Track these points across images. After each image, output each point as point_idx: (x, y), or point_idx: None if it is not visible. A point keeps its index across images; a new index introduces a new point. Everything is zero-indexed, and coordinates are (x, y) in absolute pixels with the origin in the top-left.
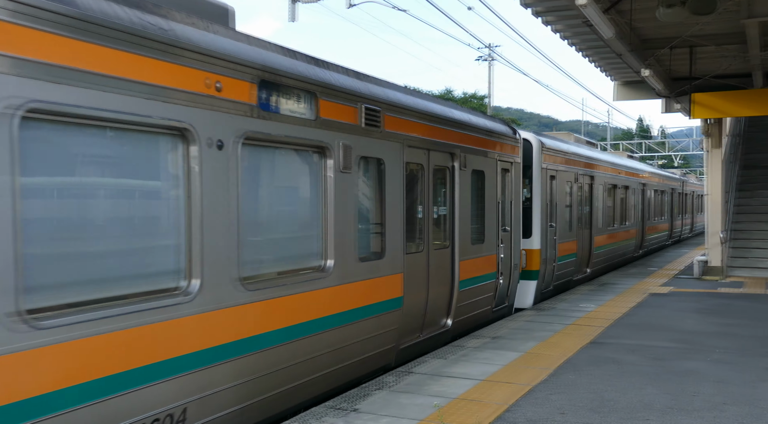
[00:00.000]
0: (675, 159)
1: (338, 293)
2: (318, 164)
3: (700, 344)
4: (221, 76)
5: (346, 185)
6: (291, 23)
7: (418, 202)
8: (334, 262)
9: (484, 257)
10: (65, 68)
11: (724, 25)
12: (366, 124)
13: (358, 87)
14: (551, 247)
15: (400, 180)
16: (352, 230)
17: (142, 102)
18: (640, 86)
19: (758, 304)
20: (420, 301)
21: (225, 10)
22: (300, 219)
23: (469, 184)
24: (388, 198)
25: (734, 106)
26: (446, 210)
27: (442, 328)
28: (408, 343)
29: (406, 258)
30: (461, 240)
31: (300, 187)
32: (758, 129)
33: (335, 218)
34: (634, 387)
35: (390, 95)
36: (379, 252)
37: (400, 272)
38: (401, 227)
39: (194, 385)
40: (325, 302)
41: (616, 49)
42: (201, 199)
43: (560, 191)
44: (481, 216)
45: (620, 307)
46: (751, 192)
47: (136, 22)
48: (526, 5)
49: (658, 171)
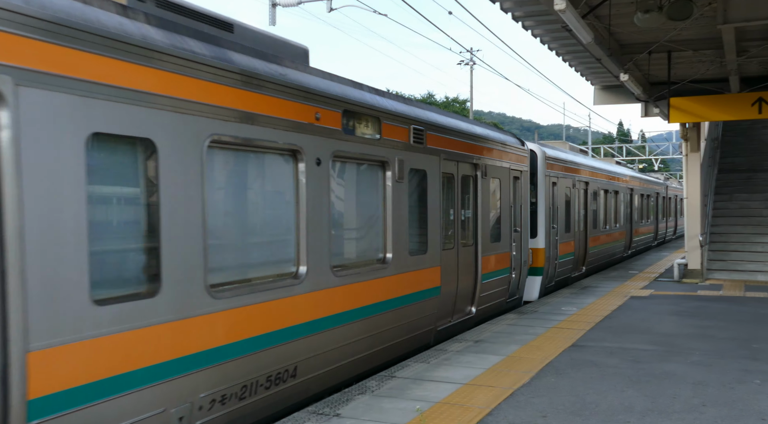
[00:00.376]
0: (655, 163)
1: (396, 281)
2: (380, 175)
3: (679, 347)
4: (320, 109)
5: (401, 192)
6: (271, 27)
7: (450, 206)
8: (392, 255)
9: (501, 254)
10: (235, 111)
11: (701, 30)
12: (414, 141)
13: (408, 111)
14: (553, 246)
15: (438, 188)
16: (404, 229)
17: (274, 131)
18: (620, 90)
19: (736, 306)
20: (452, 290)
21: (304, 50)
22: (369, 219)
23: (488, 190)
24: (429, 203)
25: (711, 111)
26: (471, 213)
27: (468, 314)
28: (443, 325)
29: (442, 253)
30: (483, 239)
31: (368, 194)
32: (735, 133)
33: (393, 218)
34: (614, 390)
35: (429, 116)
36: (423, 248)
37: (438, 265)
38: (439, 227)
39: (302, 347)
40: (387, 288)
41: (595, 54)
42: (306, 204)
43: (560, 196)
44: (498, 218)
45: (601, 310)
46: (729, 195)
47: (275, 75)
48: (505, 10)
49: (644, 176)
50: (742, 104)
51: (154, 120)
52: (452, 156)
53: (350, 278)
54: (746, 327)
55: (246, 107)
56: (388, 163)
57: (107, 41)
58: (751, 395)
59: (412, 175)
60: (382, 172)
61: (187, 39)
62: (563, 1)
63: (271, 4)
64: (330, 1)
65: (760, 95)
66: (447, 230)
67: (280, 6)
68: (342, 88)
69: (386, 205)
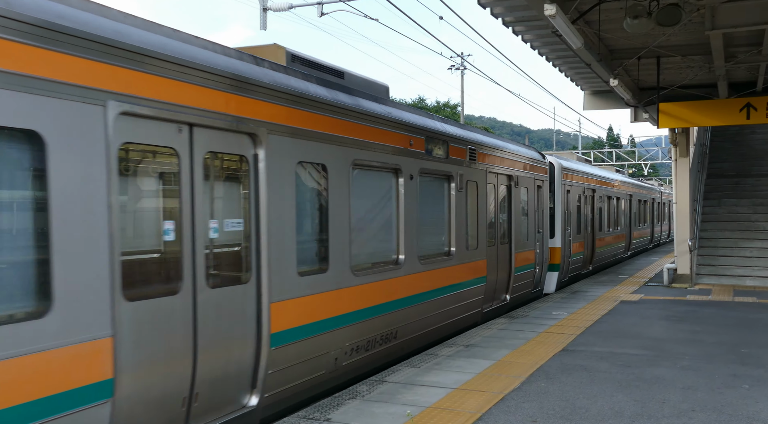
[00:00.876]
0: (644, 168)
1: (458, 269)
2: (446, 186)
3: (668, 351)
4: (412, 137)
5: (460, 199)
6: (262, 31)
7: (492, 210)
8: (455, 249)
9: (528, 252)
10: (364, 141)
11: (690, 36)
12: (469, 159)
13: (465, 135)
14: (567, 246)
15: (485, 195)
16: (463, 228)
17: (385, 156)
18: (609, 96)
19: (724, 311)
20: (494, 280)
21: (386, 88)
22: (440, 221)
23: (519, 197)
24: (479, 208)
25: (700, 116)
26: (506, 216)
27: (504, 301)
28: (488, 308)
29: (488, 249)
30: (515, 238)
31: (439, 201)
32: (723, 138)
33: (456, 220)
34: (604, 394)
35: (479, 138)
36: (475, 244)
37: (485, 259)
38: (486, 227)
39: (400, 317)
40: (452, 275)
41: (585, 59)
42: (404, 209)
43: (573, 202)
44: (525, 221)
45: (591, 315)
46: (718, 200)
47: (386, 114)
48: (496, 15)
49: (641, 183)
50: (730, 110)
51: (328, 152)
52: (494, 170)
53: (429, 265)
54: (735, 332)
55: (371, 138)
56: (452, 176)
57: (296, 98)
58: (739, 399)
59: (468, 186)
60: (447, 184)
61: (340, 94)
62: (553, 6)
63: (262, 8)
64: (321, 6)
65: (748, 101)
66: (490, 229)
67: (271, 11)
68: (423, 120)
69: (450, 210)
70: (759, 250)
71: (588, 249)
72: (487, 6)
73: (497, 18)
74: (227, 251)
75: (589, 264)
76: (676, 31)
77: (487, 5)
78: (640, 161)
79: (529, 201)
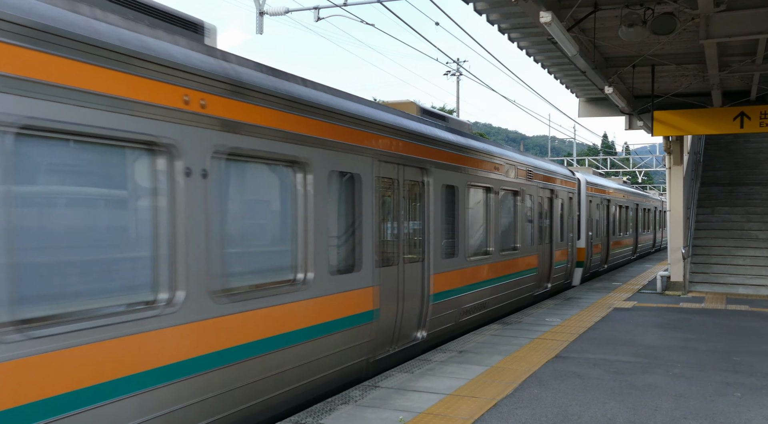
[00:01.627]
0: (639, 175)
1: (521, 261)
2: (513, 199)
3: (661, 359)
4: (499, 165)
5: (523, 208)
6: (259, 35)
7: (540, 216)
8: (520, 245)
9: (563, 250)
10: (475, 169)
11: (684, 45)
12: (527, 179)
13: (525, 160)
14: (589, 247)
15: (537, 206)
16: (525, 230)
17: (482, 178)
18: (604, 103)
19: (717, 319)
20: (541, 270)
21: (469, 124)
22: (510, 223)
23: (557, 207)
24: (534, 214)
25: (694, 125)
26: (548, 221)
27: (545, 288)
28: (536, 293)
29: (538, 247)
30: (554, 239)
31: (510, 209)
32: (717, 147)
33: (520, 223)
34: (596, 401)
35: (534, 162)
36: (530, 242)
37: (536, 254)
38: (537, 229)
39: (488, 292)
40: (518, 264)
41: (580, 67)
42: (493, 215)
43: (594, 211)
44: (560, 225)
45: (585, 321)
46: (711, 209)
47: (487, 149)
48: (491, 22)
49: (646, 194)
50: (724, 118)
51: (456, 178)
52: (542, 185)
53: (506, 256)
54: (727, 340)
55: (475, 166)
56: (518, 192)
57: (446, 144)
58: (731, 407)
59: (527, 198)
60: (513, 197)
61: (459, 136)
62: (549, 14)
63: (259, 12)
64: (317, 11)
65: (741, 109)
66: (539, 231)
67: (267, 15)
68: (501, 150)
69: (517, 216)
70: (752, 258)
71: (604, 250)
72: (483, 13)
73: (493, 25)
74: (414, 240)
75: (605, 263)
76: (671, 39)
77: (483, 12)
78: (634, 169)
79: (564, 210)
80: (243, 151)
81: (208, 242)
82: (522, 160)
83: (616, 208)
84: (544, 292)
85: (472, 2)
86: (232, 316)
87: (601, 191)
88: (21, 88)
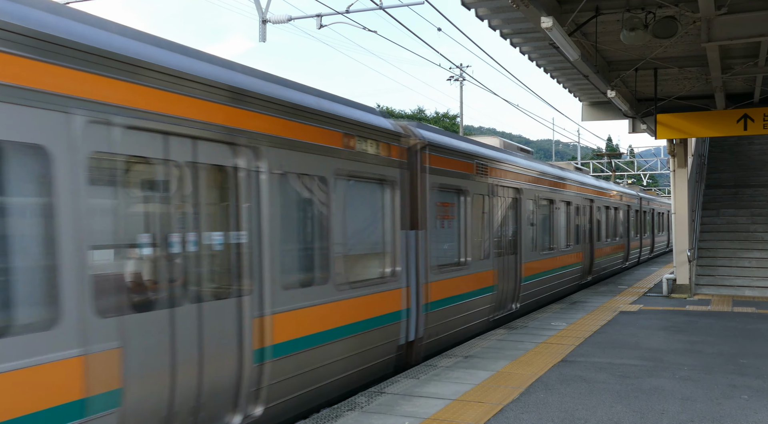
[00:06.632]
0: (643, 178)
1: (571, 256)
2: (566, 208)
3: (667, 362)
4: (556, 182)
5: (571, 216)
6: (262, 43)
7: (584, 220)
8: (564, 243)
9: (609, 247)
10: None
11: (686, 48)
12: (576, 193)
13: (580, 177)
14: (627, 246)
15: (581, 212)
16: (572, 231)
17: (545, 192)
18: (607, 107)
19: (723, 321)
20: (583, 264)
21: (531, 152)
22: (562, 227)
23: (593, 214)
24: (582, 219)
25: (697, 127)
26: (590, 225)
27: (586, 279)
28: (582, 282)
29: (581, 245)
30: (594, 239)
31: (563, 216)
32: (721, 149)
33: (566, 227)
34: (603, 405)
35: (570, 175)
36: (577, 241)
37: (581, 251)
38: (587, 231)
39: (547, 280)
40: (561, 261)
41: (583, 71)
42: (525, 220)
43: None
44: (603, 228)
45: (590, 325)
46: (716, 211)
47: (562, 174)
48: (493, 27)
49: (661, 199)
50: (727, 121)
51: (519, 184)
52: (585, 196)
53: (561, 252)
54: (734, 342)
55: (554, 187)
56: (570, 203)
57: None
58: (738, 410)
59: (571, 206)
60: (566, 206)
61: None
62: (550, 19)
63: (262, 20)
64: (320, 18)
65: (745, 112)
66: (585, 232)
67: (270, 23)
68: (560, 171)
69: (570, 220)
70: (758, 260)
71: (626, 249)
72: (485, 18)
73: (495, 30)
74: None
75: (626, 261)
76: (673, 43)
77: (485, 17)
78: (639, 172)
79: (622, 216)
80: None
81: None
82: (578, 178)
83: (634, 214)
84: (587, 283)
85: (474, 8)
86: (437, 282)
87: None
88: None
